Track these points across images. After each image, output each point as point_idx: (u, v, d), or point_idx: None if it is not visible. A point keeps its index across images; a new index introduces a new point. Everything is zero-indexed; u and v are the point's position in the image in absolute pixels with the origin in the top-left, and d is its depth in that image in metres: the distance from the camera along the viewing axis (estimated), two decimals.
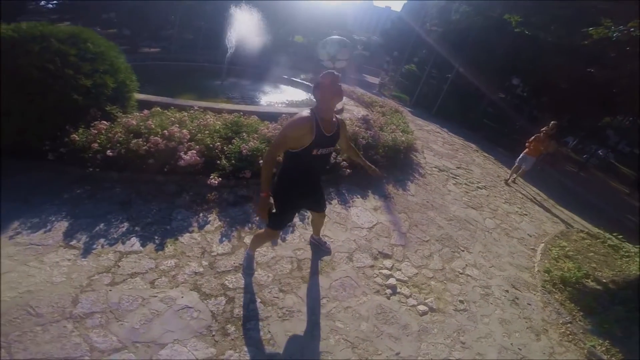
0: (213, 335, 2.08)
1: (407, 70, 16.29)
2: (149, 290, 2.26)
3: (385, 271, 3.08)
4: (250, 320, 2.24)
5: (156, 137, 3.35)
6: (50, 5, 15.90)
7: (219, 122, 4.05)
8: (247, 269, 2.60)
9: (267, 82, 10.14)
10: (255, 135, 3.98)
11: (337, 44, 1.74)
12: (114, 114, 3.71)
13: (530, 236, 4.90)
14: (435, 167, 6.41)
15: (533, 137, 6.96)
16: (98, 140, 3.29)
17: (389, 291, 2.86)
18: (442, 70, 13.31)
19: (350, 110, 8.89)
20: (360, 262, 3.11)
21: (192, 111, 4.30)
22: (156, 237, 2.74)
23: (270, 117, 4.85)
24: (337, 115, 2.22)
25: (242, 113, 4.54)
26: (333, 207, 3.86)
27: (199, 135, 3.62)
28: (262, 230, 2.48)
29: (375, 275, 2.99)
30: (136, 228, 2.78)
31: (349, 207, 3.99)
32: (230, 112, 4.50)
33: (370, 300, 2.70)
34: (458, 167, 6.92)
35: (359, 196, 4.29)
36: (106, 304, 2.11)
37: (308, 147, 1.98)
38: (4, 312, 1.91)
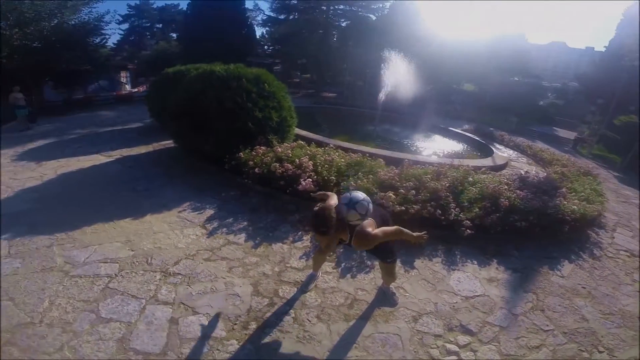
0: (234, 324, 2.39)
1: (621, 122, 12.20)
2: (224, 272, 2.88)
3: (452, 346, 2.48)
4: (272, 327, 2.41)
5: (288, 164, 4.16)
6: (269, 51, 22.38)
7: (343, 160, 4.55)
8: (304, 285, 2.83)
9: (419, 130, 10.16)
10: (371, 177, 4.20)
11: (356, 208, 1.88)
12: (273, 142, 4.87)
13: None
14: (625, 251, 4.50)
15: None
16: (255, 160, 4.43)
17: None
18: None
19: (517, 168, 7.61)
20: (426, 326, 2.65)
21: (327, 147, 5.02)
22: (258, 238, 3.42)
23: (395, 162, 4.96)
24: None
25: (368, 154, 4.88)
26: (431, 265, 3.46)
27: (320, 168, 4.22)
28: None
29: (434, 346, 2.47)
30: (250, 228, 3.58)
31: (454, 269, 3.45)
32: (356, 151, 4.94)
33: None
34: None
35: (474, 262, 3.63)
36: (192, 271, 2.85)
37: None
38: (137, 255, 2.96)
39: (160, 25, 35.10)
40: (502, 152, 8.78)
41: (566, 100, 18.95)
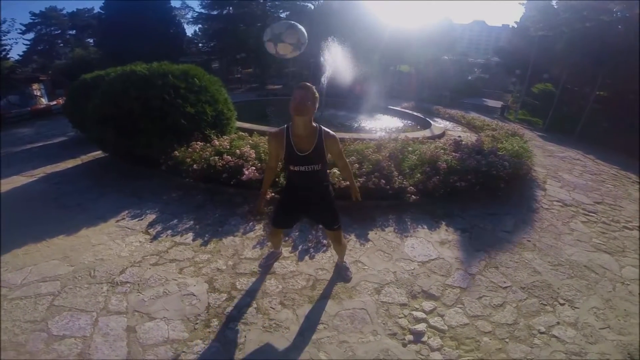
0: (195, 323, 2.26)
1: (538, 90, 13.77)
2: (174, 274, 2.70)
3: (419, 313, 2.54)
4: (235, 320, 2.31)
5: (228, 156, 3.99)
6: (205, 49, 21.44)
7: None
8: (267, 259, 2.83)
9: (363, 112, 10.52)
10: None
11: (285, 24, 1.70)
12: (211, 137, 4.63)
13: None
14: (558, 201, 5.01)
15: None
16: (193, 157, 4.18)
17: (409, 337, 2.32)
18: (582, 84, 10.65)
19: (453, 136, 8.18)
20: (390, 297, 2.69)
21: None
22: (206, 235, 3.24)
23: (340, 142, 5.02)
24: (330, 130, 2.10)
25: None
26: (384, 235, 3.54)
27: (264, 155, 4.11)
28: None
29: (401, 316, 2.51)
30: (197, 226, 3.38)
31: (406, 236, 3.56)
32: None
33: (377, 341, 2.27)
34: (597, 202, 5.18)
35: (425, 226, 3.78)
36: (141, 277, 2.64)
37: (286, 162, 2.14)
38: (78, 270, 2.71)
39: (74, 32, 31.59)
40: (439, 124, 9.43)
41: (490, 74, 20.82)
